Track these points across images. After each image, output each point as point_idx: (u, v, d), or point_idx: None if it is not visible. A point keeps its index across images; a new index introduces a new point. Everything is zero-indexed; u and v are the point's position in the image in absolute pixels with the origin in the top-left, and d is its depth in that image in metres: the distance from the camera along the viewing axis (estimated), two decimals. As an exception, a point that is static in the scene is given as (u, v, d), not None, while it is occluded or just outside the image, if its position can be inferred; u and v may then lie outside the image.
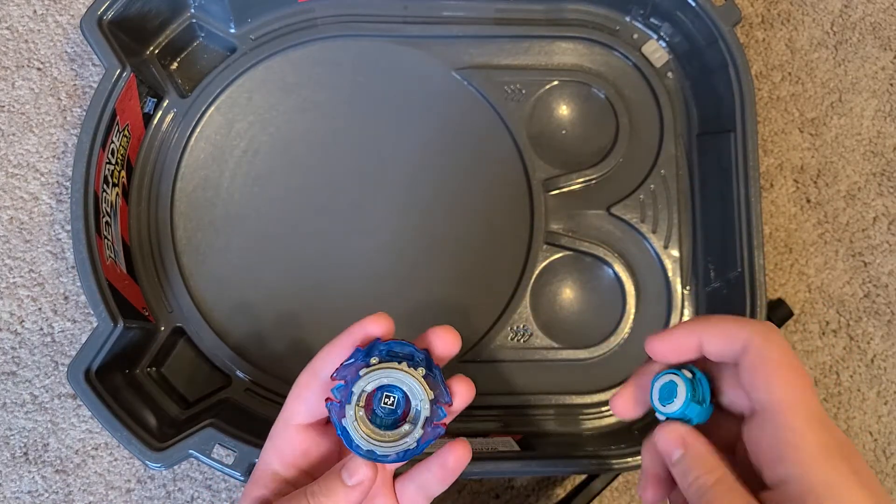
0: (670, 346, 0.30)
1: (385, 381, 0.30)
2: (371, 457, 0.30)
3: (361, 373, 0.29)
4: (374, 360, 0.30)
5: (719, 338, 0.29)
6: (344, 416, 0.30)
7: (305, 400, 0.32)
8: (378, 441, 0.30)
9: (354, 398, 0.29)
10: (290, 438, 0.32)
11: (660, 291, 0.51)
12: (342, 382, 0.30)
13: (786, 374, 0.27)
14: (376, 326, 0.31)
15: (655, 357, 0.31)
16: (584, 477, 0.46)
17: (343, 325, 0.48)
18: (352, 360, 0.30)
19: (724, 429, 0.30)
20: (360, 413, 0.30)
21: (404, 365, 0.30)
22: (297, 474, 0.32)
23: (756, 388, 0.27)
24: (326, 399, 0.31)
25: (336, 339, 0.32)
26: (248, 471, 0.41)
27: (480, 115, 0.52)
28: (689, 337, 0.29)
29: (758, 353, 0.27)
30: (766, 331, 0.28)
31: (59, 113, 0.52)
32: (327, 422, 0.33)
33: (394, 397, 0.30)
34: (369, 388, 0.30)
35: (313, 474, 0.33)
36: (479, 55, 0.53)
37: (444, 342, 0.32)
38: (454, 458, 0.32)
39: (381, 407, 0.30)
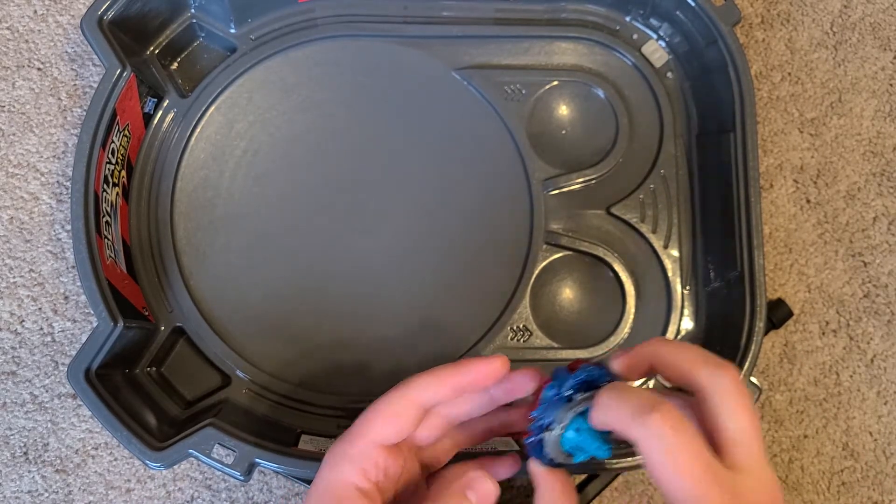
0: (627, 366, 0.34)
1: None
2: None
3: (567, 415, 0.33)
4: (578, 397, 0.33)
5: (672, 374, 0.32)
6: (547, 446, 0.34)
7: (397, 424, 0.34)
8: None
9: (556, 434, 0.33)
10: (376, 457, 0.34)
11: (659, 291, 0.51)
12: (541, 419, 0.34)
13: (742, 414, 0.30)
14: (493, 374, 0.35)
15: (616, 370, 0.34)
16: (583, 477, 0.46)
17: (342, 325, 0.49)
18: (550, 399, 0.34)
19: None
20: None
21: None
22: (372, 490, 0.34)
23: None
24: (527, 434, 0.34)
25: (441, 372, 0.35)
26: (248, 470, 0.41)
27: (480, 115, 0.52)
28: (643, 361, 0.33)
29: (716, 398, 0.30)
30: (716, 375, 0.31)
31: (59, 113, 0.52)
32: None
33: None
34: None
35: (384, 490, 0.34)
36: (479, 55, 0.53)
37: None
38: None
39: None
